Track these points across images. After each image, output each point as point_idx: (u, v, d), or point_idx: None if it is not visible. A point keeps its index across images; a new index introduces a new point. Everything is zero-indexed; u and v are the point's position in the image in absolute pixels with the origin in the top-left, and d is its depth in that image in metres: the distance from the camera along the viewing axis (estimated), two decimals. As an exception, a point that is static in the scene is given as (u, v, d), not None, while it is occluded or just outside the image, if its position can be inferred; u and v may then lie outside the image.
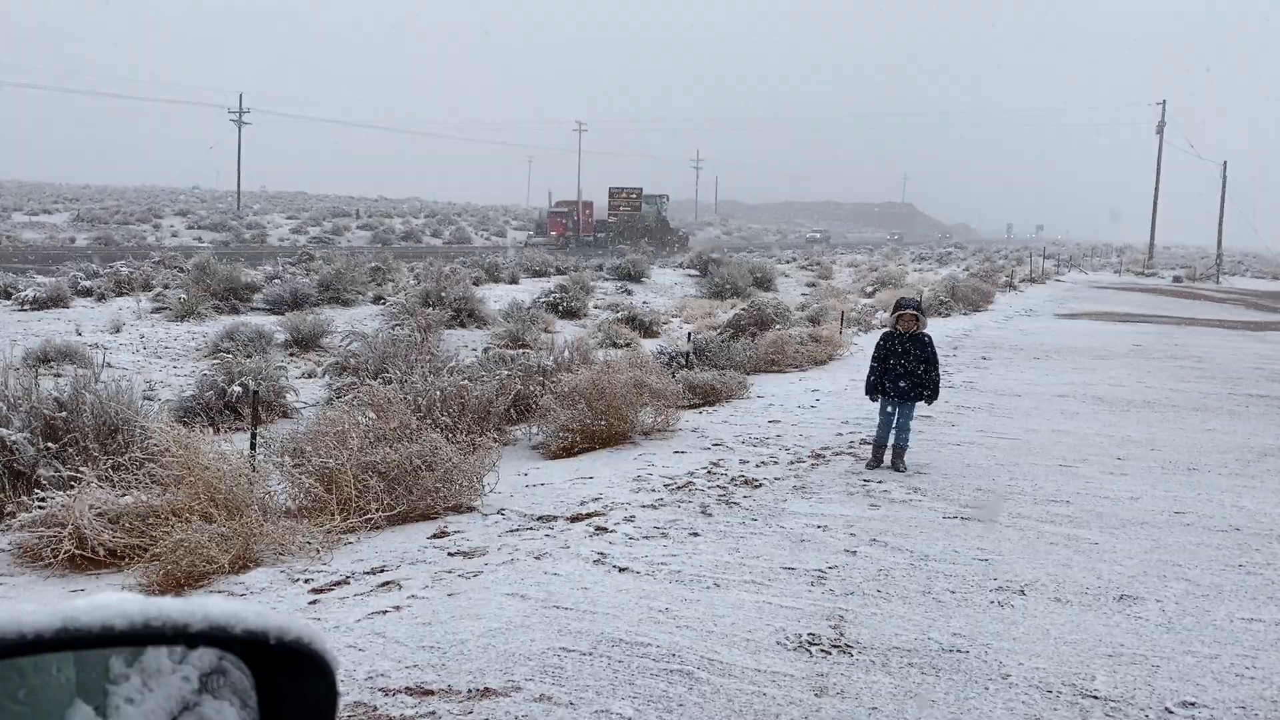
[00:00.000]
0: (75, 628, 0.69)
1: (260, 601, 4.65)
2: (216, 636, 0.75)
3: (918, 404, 7.51)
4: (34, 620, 0.67)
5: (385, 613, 4.44)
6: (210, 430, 6.19)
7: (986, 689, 3.77)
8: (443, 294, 18.17)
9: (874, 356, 7.58)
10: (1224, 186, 51.72)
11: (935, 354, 7.51)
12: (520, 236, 60.85)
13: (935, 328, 14.44)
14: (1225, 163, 52.36)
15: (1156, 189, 57.72)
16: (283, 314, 16.83)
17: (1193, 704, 3.69)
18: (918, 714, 3.55)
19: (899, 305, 7.79)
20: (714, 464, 7.58)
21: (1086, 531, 5.94)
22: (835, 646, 4.14)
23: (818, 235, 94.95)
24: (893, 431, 7.45)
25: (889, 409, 7.44)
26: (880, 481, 7.06)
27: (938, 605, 4.66)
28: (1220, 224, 50.72)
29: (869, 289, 29.26)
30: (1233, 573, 5.26)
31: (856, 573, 5.10)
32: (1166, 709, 3.64)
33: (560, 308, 20.07)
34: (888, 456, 7.50)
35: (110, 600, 0.71)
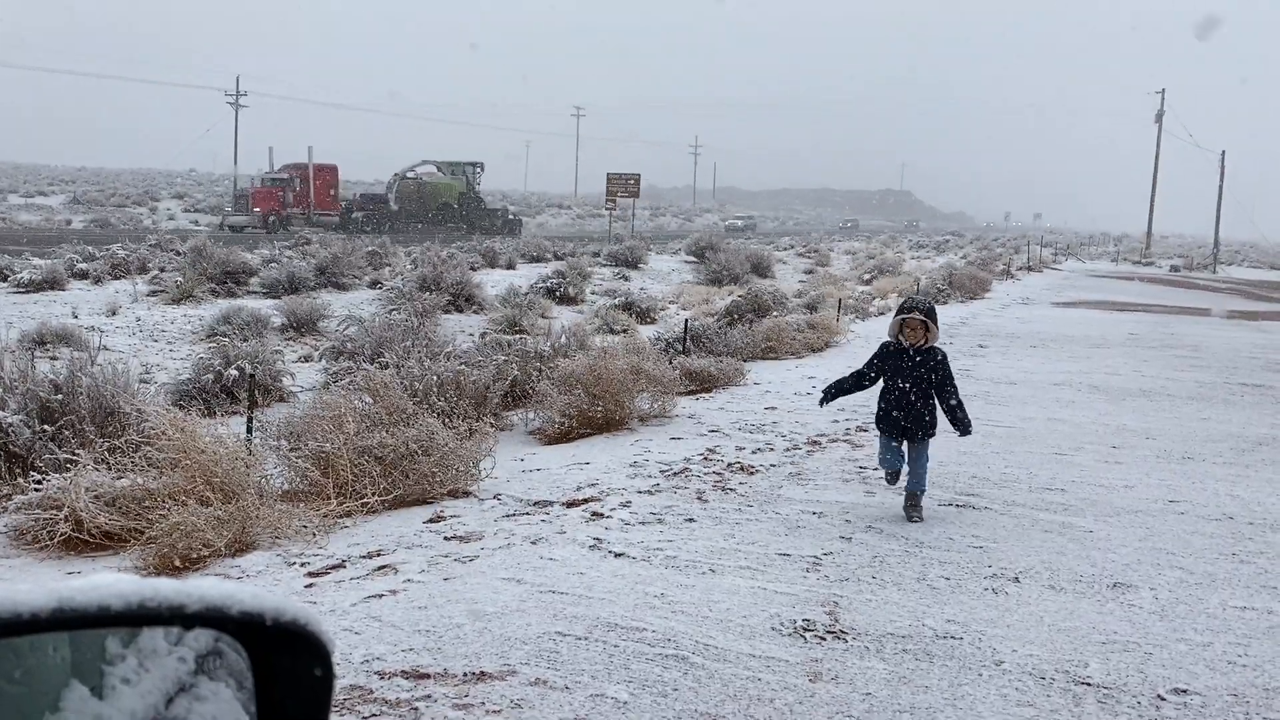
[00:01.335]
0: (71, 608, 0.68)
1: (256, 584, 4.66)
2: (212, 618, 0.75)
3: (929, 439, 5.87)
4: (30, 600, 0.67)
5: (381, 596, 4.45)
6: (206, 414, 6.19)
7: (980, 675, 3.79)
8: (440, 279, 18.16)
9: (867, 364, 5.99)
10: (1222, 176, 51.74)
11: (950, 374, 5.84)
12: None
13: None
14: (1224, 152, 52.36)
15: (1155, 178, 57.68)
16: (279, 298, 16.81)
17: (1185, 691, 3.71)
18: (911, 700, 3.57)
19: (904, 307, 5.98)
20: (710, 450, 7.58)
21: (1081, 519, 5.95)
22: (830, 632, 4.15)
23: (739, 223, 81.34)
24: (905, 470, 5.90)
25: (893, 443, 5.92)
26: (875, 468, 7.07)
27: (932, 592, 4.67)
28: (1218, 214, 50.75)
29: (866, 276, 29.30)
30: (1226, 561, 5.28)
31: (851, 559, 5.11)
32: (1159, 696, 3.66)
33: (557, 293, 20.06)
34: (903, 480, 5.93)
35: (106, 581, 0.71)
